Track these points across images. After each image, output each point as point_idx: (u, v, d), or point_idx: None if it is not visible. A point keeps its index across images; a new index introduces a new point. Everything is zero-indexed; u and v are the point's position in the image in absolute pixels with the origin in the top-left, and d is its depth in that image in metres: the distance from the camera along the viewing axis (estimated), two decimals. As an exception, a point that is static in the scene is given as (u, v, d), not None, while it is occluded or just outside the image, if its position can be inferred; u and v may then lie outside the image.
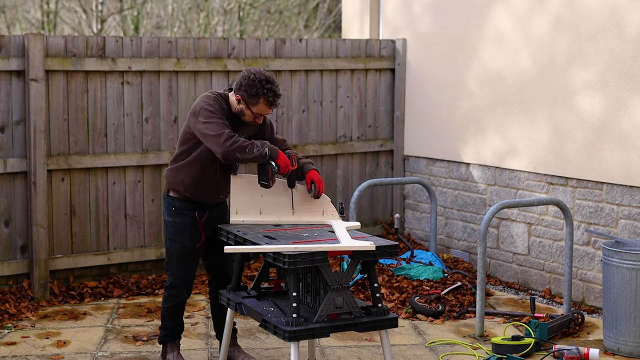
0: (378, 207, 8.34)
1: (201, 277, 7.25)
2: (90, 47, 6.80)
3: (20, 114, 6.55)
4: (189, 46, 7.20)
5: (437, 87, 7.93)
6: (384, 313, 4.56)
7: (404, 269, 6.97)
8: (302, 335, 4.36)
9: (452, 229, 7.89)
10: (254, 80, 4.86)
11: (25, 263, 6.63)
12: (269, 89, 4.86)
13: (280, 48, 7.64)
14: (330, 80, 7.95)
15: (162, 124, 7.15)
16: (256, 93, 4.86)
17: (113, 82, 6.92)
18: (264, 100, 4.88)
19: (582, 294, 6.71)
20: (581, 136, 6.62)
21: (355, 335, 5.92)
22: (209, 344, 5.79)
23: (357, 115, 8.13)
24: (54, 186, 6.74)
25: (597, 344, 5.81)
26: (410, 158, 8.29)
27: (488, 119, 7.41)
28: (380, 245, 4.51)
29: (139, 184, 7.09)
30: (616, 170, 6.38)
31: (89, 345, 5.73)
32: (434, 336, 5.97)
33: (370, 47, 8.16)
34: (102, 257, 6.96)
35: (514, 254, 7.28)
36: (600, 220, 6.54)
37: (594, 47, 6.48)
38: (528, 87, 7.03)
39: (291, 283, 4.37)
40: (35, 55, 6.48)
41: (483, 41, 7.41)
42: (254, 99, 4.88)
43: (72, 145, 6.80)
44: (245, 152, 4.76)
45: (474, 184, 7.63)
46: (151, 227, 7.16)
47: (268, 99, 4.88)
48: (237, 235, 4.77)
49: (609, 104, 6.40)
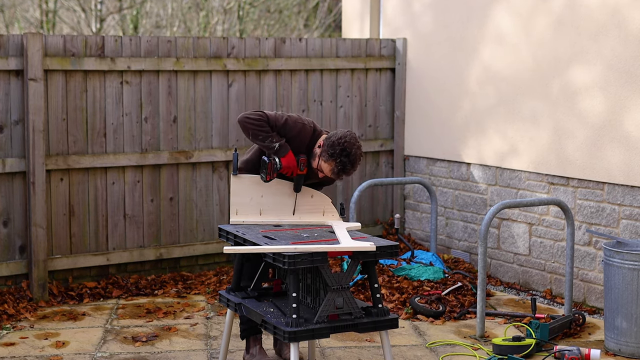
0: (378, 207, 8.32)
1: (201, 278, 7.23)
2: (89, 46, 6.78)
3: (18, 113, 6.53)
4: (188, 45, 7.18)
5: (438, 87, 7.91)
6: (384, 314, 4.56)
7: (405, 270, 6.96)
8: (302, 336, 4.35)
9: (453, 229, 7.87)
10: (339, 144, 4.81)
11: (23, 263, 6.61)
12: (343, 161, 4.82)
13: (280, 47, 7.62)
14: (330, 79, 7.93)
15: (161, 124, 7.13)
16: (331, 155, 4.83)
17: (112, 82, 6.90)
18: (334, 165, 4.85)
19: (583, 295, 6.70)
20: (582, 136, 6.60)
21: (355, 336, 5.91)
22: (209, 344, 5.77)
23: (357, 115, 8.11)
24: (53, 186, 6.72)
25: (598, 344, 5.79)
26: (411, 158, 8.27)
27: (489, 118, 7.39)
28: (381, 246, 4.50)
29: (138, 184, 7.07)
30: (617, 170, 6.36)
31: (88, 346, 5.71)
32: (435, 337, 5.96)
33: (371, 47, 8.13)
34: (101, 258, 6.94)
35: (515, 254, 7.26)
36: (602, 220, 6.52)
37: (595, 46, 6.46)
38: (529, 86, 7.01)
39: (291, 284, 4.36)
40: (34, 55, 6.46)
41: (484, 41, 7.39)
42: (327, 158, 4.85)
43: (71, 145, 6.78)
44: (257, 134, 4.88)
45: (474, 184, 7.61)
46: (150, 227, 7.14)
47: (337, 167, 4.84)
48: (237, 235, 4.76)
49: (611, 104, 6.38)
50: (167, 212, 7.20)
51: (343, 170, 4.84)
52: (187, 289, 7.01)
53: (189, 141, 7.25)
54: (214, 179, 7.39)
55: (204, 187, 7.35)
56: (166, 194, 7.19)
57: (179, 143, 7.20)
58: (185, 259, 7.35)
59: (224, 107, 7.36)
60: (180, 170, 7.23)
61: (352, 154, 4.81)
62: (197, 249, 7.34)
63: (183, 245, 7.27)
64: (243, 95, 7.44)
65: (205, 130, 7.30)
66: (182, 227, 7.28)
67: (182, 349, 5.65)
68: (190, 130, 7.25)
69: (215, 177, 7.39)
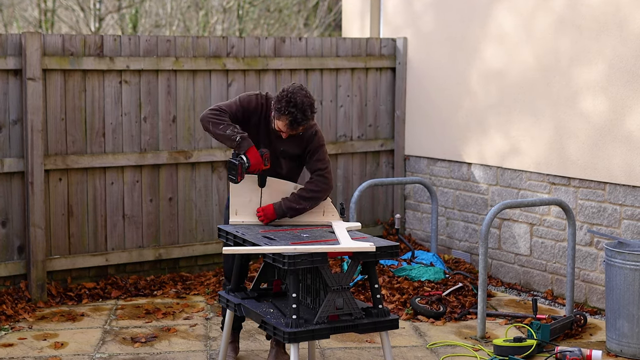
0: (379, 207, 8.30)
1: (200, 279, 7.21)
2: (88, 45, 6.75)
3: (17, 113, 6.50)
4: (187, 45, 7.15)
5: (438, 86, 7.89)
6: (384, 314, 4.55)
7: (405, 270, 6.94)
8: (302, 336, 4.34)
9: (454, 230, 7.84)
10: (284, 97, 4.83)
11: (22, 264, 6.58)
12: (291, 112, 4.81)
13: (279, 47, 7.59)
14: (330, 79, 7.90)
15: (160, 124, 7.10)
16: (278, 110, 4.85)
17: (111, 81, 6.87)
18: (286, 119, 4.85)
19: (585, 295, 6.67)
20: (584, 136, 6.58)
21: (355, 337, 5.89)
22: (208, 345, 5.75)
23: (357, 115, 8.08)
24: (52, 186, 6.69)
25: (599, 345, 5.78)
26: (411, 158, 8.25)
27: (490, 118, 7.37)
28: (381, 246, 4.49)
29: (137, 184, 7.05)
30: (619, 170, 6.34)
31: (86, 346, 5.68)
32: (435, 338, 5.94)
33: (371, 46, 8.11)
34: (100, 258, 6.91)
35: (516, 254, 7.24)
36: (603, 220, 6.49)
37: (597, 45, 6.44)
38: (530, 86, 6.98)
39: (291, 284, 4.34)
40: (32, 54, 6.43)
41: (485, 40, 7.37)
42: (278, 115, 4.86)
43: (70, 145, 6.76)
44: (217, 127, 4.91)
45: (475, 184, 7.59)
46: (149, 227, 7.11)
47: (288, 119, 4.84)
48: (237, 236, 4.74)
49: (613, 104, 6.36)
50: (167, 212, 7.17)
51: (295, 121, 4.84)
52: (186, 289, 6.99)
53: (188, 141, 7.22)
54: (213, 179, 7.36)
55: (203, 187, 7.32)
56: (165, 194, 7.16)
57: (178, 143, 7.18)
58: (185, 259, 7.33)
59: (224, 106, 7.33)
60: (179, 170, 7.20)
61: (299, 102, 4.81)
62: (196, 249, 7.31)
63: (182, 246, 7.25)
64: (243, 95, 7.41)
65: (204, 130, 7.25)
66: (181, 227, 7.25)
67: (181, 349, 5.63)
68: (190, 130, 7.22)
69: (214, 177, 7.37)
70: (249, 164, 4.86)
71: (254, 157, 4.87)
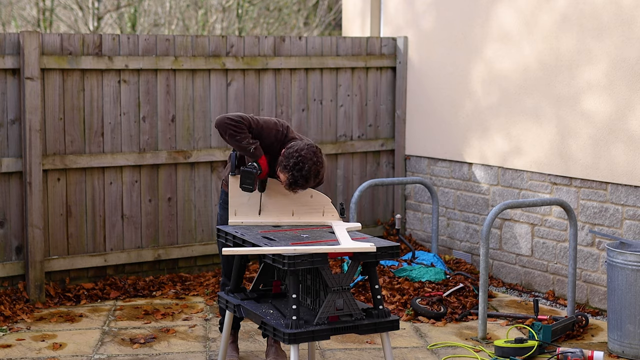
0: (379, 207, 8.27)
1: (199, 279, 7.18)
2: (87, 45, 6.72)
3: (15, 112, 6.47)
4: (186, 44, 7.12)
5: (439, 86, 7.86)
6: (385, 315, 4.53)
7: (405, 271, 6.92)
8: (302, 337, 4.32)
9: (454, 230, 7.82)
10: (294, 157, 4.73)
11: (20, 264, 6.56)
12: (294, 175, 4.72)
13: (279, 46, 7.56)
14: (331, 78, 7.88)
15: (159, 123, 7.07)
16: (285, 167, 4.75)
17: (110, 81, 6.84)
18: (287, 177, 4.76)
19: (586, 296, 6.65)
20: (586, 136, 6.55)
21: (355, 338, 5.87)
22: (207, 346, 5.72)
23: (357, 115, 8.05)
24: (50, 186, 6.66)
25: (601, 346, 5.76)
26: (412, 158, 8.22)
27: (491, 118, 7.34)
28: (381, 247, 4.47)
29: (136, 184, 7.02)
30: (621, 170, 6.31)
31: (85, 347, 5.66)
32: (436, 339, 5.91)
33: (371, 45, 8.08)
34: (98, 259, 6.88)
35: (517, 255, 7.21)
36: (605, 220, 6.47)
37: (600, 45, 6.41)
38: (532, 86, 6.96)
39: (291, 285, 4.32)
40: (30, 53, 6.40)
41: (486, 39, 7.34)
42: (282, 169, 4.78)
43: (68, 144, 6.73)
44: (234, 135, 4.86)
45: (476, 184, 7.56)
46: (148, 227, 7.08)
47: (289, 180, 4.76)
48: (236, 236, 4.71)
49: (615, 103, 6.33)
50: (166, 213, 7.14)
51: (295, 184, 4.75)
52: (185, 290, 6.96)
53: (188, 141, 7.19)
54: (212, 179, 7.33)
55: (202, 187, 7.29)
56: (164, 194, 7.13)
57: (177, 143, 7.15)
58: (184, 259, 7.30)
59: (223, 106, 7.30)
60: (178, 170, 7.17)
61: (306, 169, 4.71)
62: (195, 249, 7.28)
63: (181, 246, 7.22)
64: (242, 95, 7.38)
65: (203, 129, 7.24)
66: (180, 227, 7.22)
67: (180, 350, 5.61)
68: (189, 129, 7.19)
69: (214, 177, 7.34)
70: (260, 171, 4.89)
71: (264, 164, 4.90)
